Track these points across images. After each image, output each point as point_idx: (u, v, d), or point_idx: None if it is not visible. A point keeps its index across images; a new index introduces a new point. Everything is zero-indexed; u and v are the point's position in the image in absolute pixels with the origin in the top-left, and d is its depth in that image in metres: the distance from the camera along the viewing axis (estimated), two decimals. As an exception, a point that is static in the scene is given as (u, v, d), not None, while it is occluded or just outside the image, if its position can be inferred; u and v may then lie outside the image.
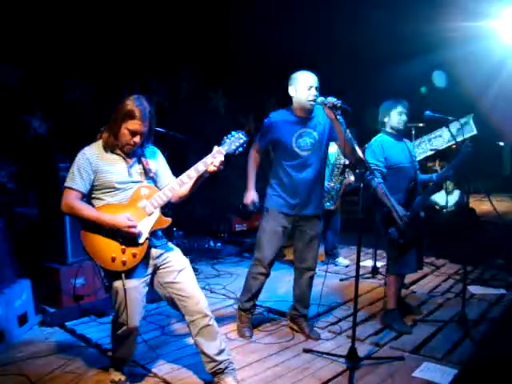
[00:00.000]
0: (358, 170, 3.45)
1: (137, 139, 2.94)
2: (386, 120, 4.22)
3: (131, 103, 2.89)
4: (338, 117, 3.50)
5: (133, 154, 3.05)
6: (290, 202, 3.88)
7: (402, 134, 4.27)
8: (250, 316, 4.14)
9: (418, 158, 6.40)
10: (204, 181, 3.07)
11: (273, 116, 3.92)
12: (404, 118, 4.16)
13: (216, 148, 2.96)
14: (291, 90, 3.80)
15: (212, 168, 2.92)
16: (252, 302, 4.13)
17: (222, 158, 2.93)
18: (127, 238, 2.88)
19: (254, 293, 4.08)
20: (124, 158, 3.00)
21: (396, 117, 4.16)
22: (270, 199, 3.98)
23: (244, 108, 8.66)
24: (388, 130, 4.22)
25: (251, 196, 4.01)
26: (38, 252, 4.66)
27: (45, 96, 5.50)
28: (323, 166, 3.98)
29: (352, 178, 6.06)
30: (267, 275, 4.05)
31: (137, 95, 2.95)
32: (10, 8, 5.08)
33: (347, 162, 5.70)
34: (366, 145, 4.32)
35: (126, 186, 2.96)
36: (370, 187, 3.93)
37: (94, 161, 2.92)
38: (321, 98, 3.59)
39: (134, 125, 2.90)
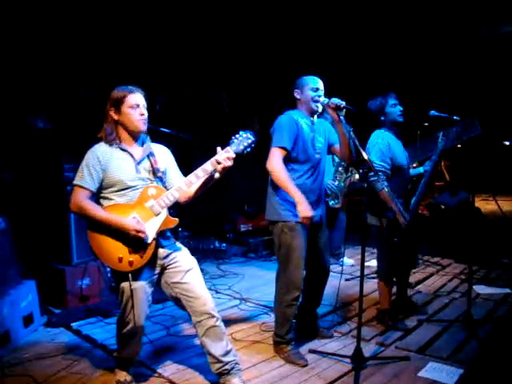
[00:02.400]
0: (361, 170, 3.42)
1: (143, 110, 2.99)
2: (383, 119, 4.11)
3: (116, 90, 3.00)
4: (341, 118, 3.47)
5: (141, 145, 3.07)
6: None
7: (399, 130, 4.18)
8: (293, 343, 3.72)
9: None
10: (212, 184, 3.06)
11: (292, 113, 3.65)
12: (400, 108, 4.08)
13: (219, 149, 2.94)
14: (297, 93, 3.70)
15: (221, 167, 2.89)
16: (291, 330, 3.72)
17: (231, 157, 2.90)
18: (134, 238, 2.88)
19: (292, 320, 3.70)
20: (131, 155, 2.99)
21: (392, 110, 4.08)
22: (286, 210, 3.56)
23: (249, 109, 8.66)
24: (389, 126, 4.13)
25: (309, 211, 3.42)
26: (43, 253, 4.68)
27: (49, 96, 5.51)
28: (325, 171, 3.87)
29: (357, 176, 6.04)
30: (300, 295, 3.68)
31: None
32: (15, 9, 5.10)
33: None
34: (368, 143, 4.16)
35: (135, 183, 2.95)
36: (374, 189, 3.86)
37: (104, 159, 2.92)
38: (325, 99, 3.57)
39: (133, 99, 2.97)
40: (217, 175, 2.97)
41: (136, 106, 2.97)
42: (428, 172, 4.15)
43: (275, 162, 3.51)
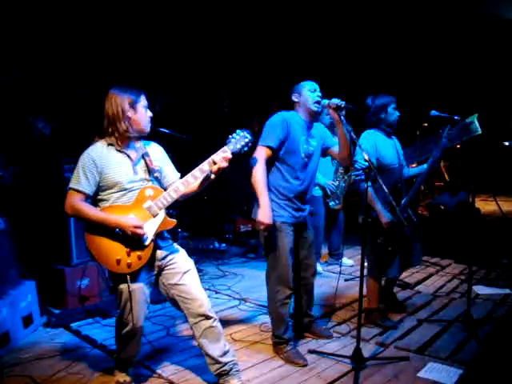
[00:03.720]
0: (360, 170, 3.42)
1: (150, 113, 3.04)
2: (382, 116, 4.11)
3: (121, 91, 2.97)
4: (341, 118, 3.47)
5: (135, 146, 3.06)
6: (292, 210, 3.66)
7: (392, 131, 4.19)
8: (292, 343, 3.73)
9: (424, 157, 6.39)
10: (210, 182, 3.06)
11: (284, 114, 3.65)
12: (397, 113, 4.12)
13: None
14: (295, 97, 3.70)
15: (216, 168, 2.91)
16: (288, 329, 3.74)
17: (228, 157, 2.92)
18: (132, 239, 2.87)
19: (287, 319, 3.72)
20: (128, 156, 2.99)
21: (393, 112, 4.10)
22: (272, 211, 3.53)
23: (248, 109, 8.66)
24: (384, 126, 4.13)
25: (270, 214, 3.47)
26: (43, 253, 4.67)
27: (49, 96, 5.51)
28: (315, 175, 3.88)
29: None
30: (292, 293, 3.73)
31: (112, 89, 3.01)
32: (15, 10, 5.10)
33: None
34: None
35: (132, 185, 2.94)
36: (359, 187, 3.89)
37: (100, 161, 2.90)
38: (325, 100, 3.57)
39: (144, 99, 3.03)
40: (212, 176, 2.99)
41: (146, 107, 3.02)
42: (425, 169, 4.12)
43: (257, 158, 3.50)
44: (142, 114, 2.98)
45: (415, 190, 4.11)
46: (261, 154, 3.53)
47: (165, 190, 3.04)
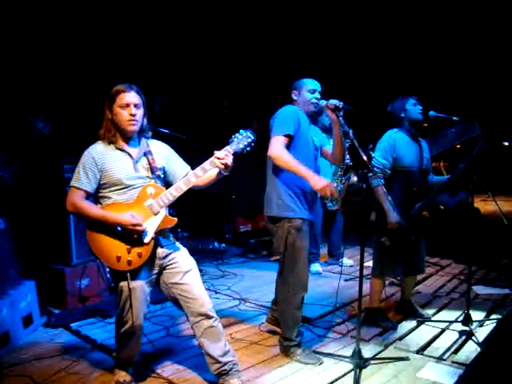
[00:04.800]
0: (360, 171, 3.42)
1: (133, 111, 2.94)
2: (402, 115, 4.11)
3: (116, 87, 2.98)
4: (339, 119, 3.46)
5: (138, 144, 3.07)
6: (308, 207, 3.59)
7: (418, 132, 4.18)
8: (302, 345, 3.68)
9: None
10: (220, 178, 3.11)
11: (293, 106, 3.62)
12: (420, 107, 4.08)
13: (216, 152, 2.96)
14: (294, 94, 3.68)
15: (219, 165, 2.91)
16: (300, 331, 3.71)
17: (231, 157, 2.93)
18: (133, 237, 2.88)
19: (300, 322, 3.67)
20: (129, 154, 3.00)
21: (413, 108, 4.07)
22: (290, 208, 3.51)
23: (248, 109, 8.66)
24: (407, 125, 4.13)
25: (324, 180, 3.34)
26: (43, 253, 4.67)
27: (49, 96, 5.52)
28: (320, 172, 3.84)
29: (355, 178, 6.04)
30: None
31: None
32: (16, 10, 5.10)
33: (350, 163, 5.73)
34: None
35: (134, 182, 2.95)
36: (370, 185, 3.88)
37: (100, 159, 2.93)
38: (323, 101, 3.56)
39: (123, 98, 2.94)
40: (225, 173, 3.03)
41: (126, 105, 2.94)
42: (446, 179, 4.12)
43: (277, 147, 3.42)
44: (116, 115, 2.96)
45: (431, 197, 4.09)
46: (280, 141, 3.43)
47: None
